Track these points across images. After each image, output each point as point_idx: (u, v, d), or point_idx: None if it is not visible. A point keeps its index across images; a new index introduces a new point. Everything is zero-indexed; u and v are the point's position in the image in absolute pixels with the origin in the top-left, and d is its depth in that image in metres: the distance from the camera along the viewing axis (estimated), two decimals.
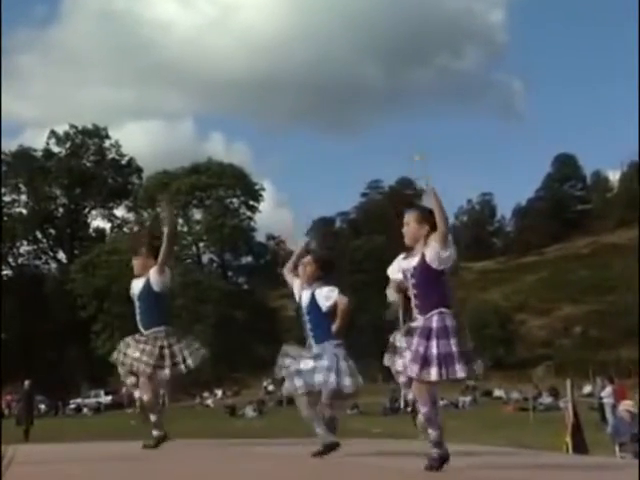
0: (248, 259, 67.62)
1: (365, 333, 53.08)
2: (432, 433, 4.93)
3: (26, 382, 19.85)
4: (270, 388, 45.56)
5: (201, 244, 65.69)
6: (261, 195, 65.26)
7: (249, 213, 64.83)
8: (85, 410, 44.00)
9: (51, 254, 67.13)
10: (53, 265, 67.13)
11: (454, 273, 5.46)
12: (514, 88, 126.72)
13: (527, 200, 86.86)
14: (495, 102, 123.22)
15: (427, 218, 5.02)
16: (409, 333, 5.02)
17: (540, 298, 59.40)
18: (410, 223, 5.13)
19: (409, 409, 5.39)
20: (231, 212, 64.01)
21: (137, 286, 7.31)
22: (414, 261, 5.07)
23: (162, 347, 7.09)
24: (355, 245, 61.13)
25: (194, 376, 50.78)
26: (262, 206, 65.56)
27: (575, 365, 41.29)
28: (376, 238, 62.28)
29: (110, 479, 4.36)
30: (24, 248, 65.68)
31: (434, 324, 4.91)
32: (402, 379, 5.46)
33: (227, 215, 63.08)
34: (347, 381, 6.09)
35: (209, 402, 45.35)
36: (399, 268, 5.32)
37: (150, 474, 4.75)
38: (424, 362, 4.83)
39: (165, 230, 7.12)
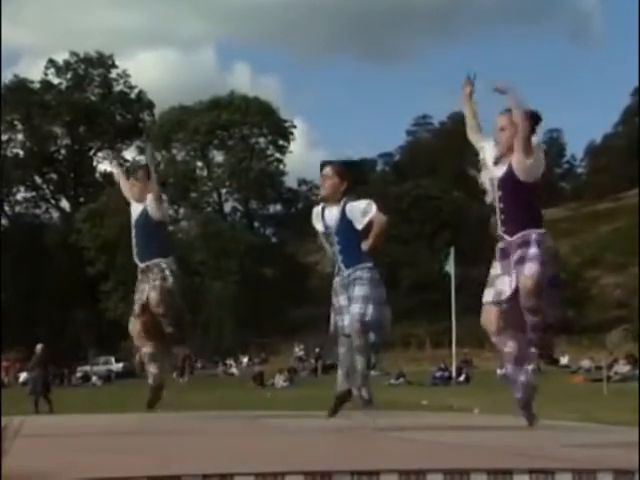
0: (277, 207, 67.97)
1: (411, 293, 53.33)
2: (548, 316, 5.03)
3: (38, 346, 20.28)
4: (302, 355, 46.04)
5: (223, 190, 65.99)
6: (292, 134, 65.26)
7: (278, 155, 64.89)
8: (94, 379, 44.84)
9: (52, 202, 67.87)
10: (55, 214, 67.99)
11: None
12: (586, 7, 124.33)
13: (602, 137, 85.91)
14: (564, 23, 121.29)
15: (528, 118, 5.01)
16: (504, 256, 5.06)
17: (616, 251, 58.91)
18: (506, 128, 5.10)
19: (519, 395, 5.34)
20: (257, 153, 64.09)
21: (136, 210, 7.63)
22: (501, 170, 5.05)
23: (163, 278, 7.35)
24: (400, 191, 60.95)
25: (216, 342, 51.74)
26: (293, 146, 65.63)
27: None
28: (424, 183, 62.08)
29: (124, 453, 4.48)
30: (21, 195, 66.53)
31: (531, 249, 4.96)
32: (508, 349, 5.30)
33: (253, 157, 63.19)
34: (371, 309, 6.16)
35: (234, 370, 45.97)
36: (488, 161, 5.25)
37: (167, 449, 4.88)
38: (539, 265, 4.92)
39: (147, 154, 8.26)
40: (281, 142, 64.62)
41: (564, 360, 39.11)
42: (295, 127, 66.02)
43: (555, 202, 78.18)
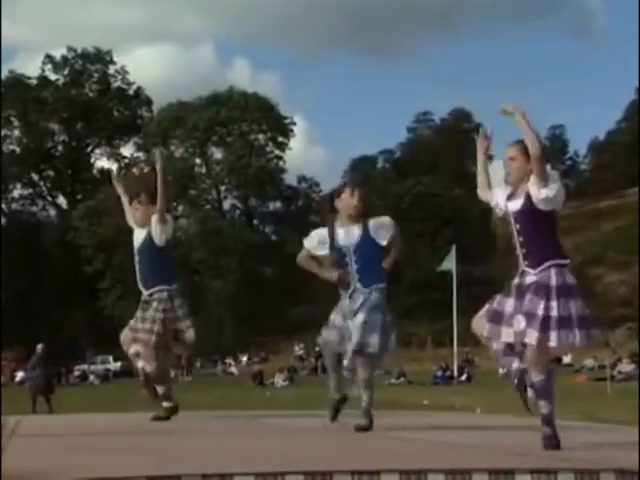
0: (276, 205, 67.93)
1: (412, 292, 53.33)
2: (544, 407, 4.92)
3: (39, 346, 20.27)
4: (302, 354, 46.08)
5: (222, 187, 65.94)
6: (291, 130, 65.22)
7: (277, 151, 64.87)
8: (92, 378, 44.88)
9: (49, 199, 67.83)
10: (52, 212, 67.96)
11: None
12: (589, 3, 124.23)
13: (606, 133, 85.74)
14: (566, 20, 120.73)
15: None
16: (519, 293, 4.97)
17: (619, 249, 58.91)
18: (516, 158, 5.08)
19: (515, 381, 5.25)
20: (257, 150, 64.06)
21: (139, 237, 7.48)
22: (518, 203, 5.03)
23: (161, 311, 7.24)
24: (400, 189, 60.95)
25: (215, 340, 51.63)
26: (292, 143, 65.59)
27: None
28: (425, 180, 62.08)
29: (122, 453, 4.50)
30: (18, 192, 66.42)
31: (553, 281, 4.88)
32: (497, 346, 5.21)
33: (252, 154, 63.16)
34: (374, 339, 6.11)
35: (233, 369, 46.01)
36: (500, 203, 5.19)
37: (167, 449, 4.89)
38: (544, 326, 4.79)
39: (157, 166, 7.43)
40: (281, 139, 64.61)
41: (567, 359, 39.09)
42: (295, 124, 66.11)
43: None
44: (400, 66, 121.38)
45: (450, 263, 33.04)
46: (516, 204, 5.04)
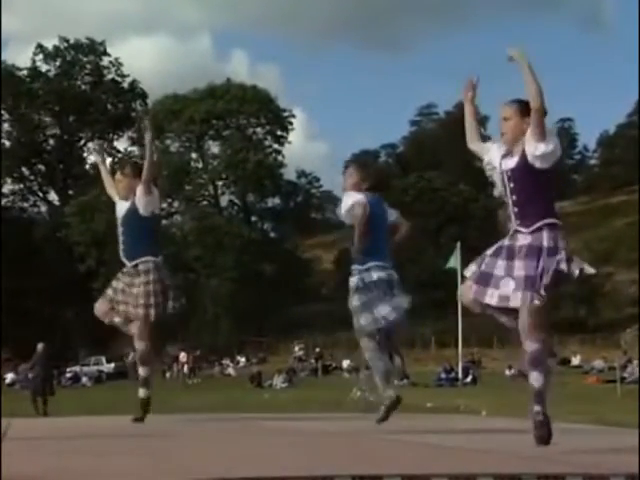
0: (275, 201, 67.89)
1: (415, 291, 53.26)
2: (536, 380, 4.84)
3: (39, 346, 20.26)
4: (301, 354, 46.10)
5: (219, 183, 65.93)
6: (291, 124, 65.19)
7: (276, 146, 64.83)
8: (84, 379, 44.93)
9: (40, 194, 67.81)
10: (43, 207, 67.95)
11: None
12: None
13: (616, 126, 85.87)
14: (576, 11, 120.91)
15: (529, 111, 4.95)
16: (510, 254, 4.96)
17: (630, 247, 58.87)
18: (512, 118, 5.08)
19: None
20: (255, 144, 64.01)
21: (122, 209, 7.51)
22: (513, 161, 5.02)
23: (152, 282, 7.26)
24: (403, 184, 60.96)
25: (212, 341, 51.59)
26: (292, 137, 65.57)
27: None
28: (429, 175, 62.07)
29: (113, 456, 4.49)
30: (8, 187, 66.34)
31: (544, 242, 4.88)
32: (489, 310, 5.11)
33: (250, 148, 63.09)
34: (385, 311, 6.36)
35: (230, 371, 46.02)
36: (494, 160, 5.17)
37: (159, 452, 4.88)
38: (531, 287, 4.78)
39: (147, 137, 7.61)
40: (279, 133, 64.57)
41: (576, 360, 39.16)
42: (294, 117, 66.10)
43: (566, 195, 78.27)
44: (403, 57, 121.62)
45: (455, 261, 33.06)
46: (511, 162, 5.02)
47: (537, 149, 4.89)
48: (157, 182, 7.78)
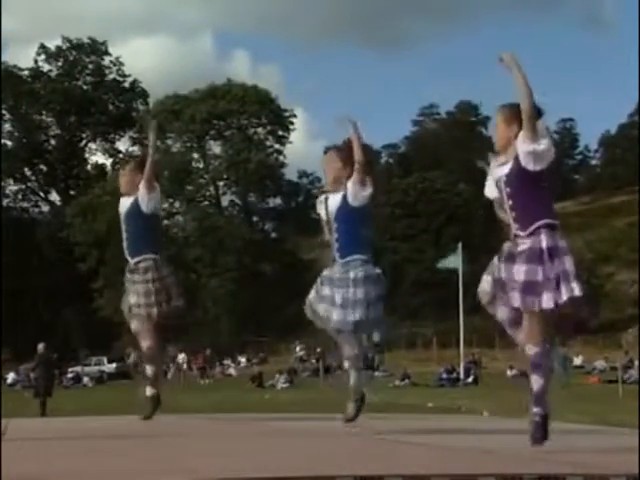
0: (276, 201, 67.93)
1: (417, 291, 53.31)
2: (535, 382, 4.84)
3: (40, 345, 20.23)
4: (303, 355, 46.05)
5: (220, 183, 65.93)
6: (292, 124, 65.18)
7: (277, 146, 64.84)
8: (86, 380, 44.89)
9: (42, 195, 67.84)
10: (45, 208, 67.99)
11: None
12: None
13: (618, 127, 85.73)
14: (578, 10, 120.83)
15: (518, 115, 4.94)
16: (510, 259, 4.94)
17: (632, 247, 58.82)
18: (498, 125, 5.08)
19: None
20: (256, 144, 64.02)
21: (125, 205, 7.54)
22: (507, 167, 5.00)
23: (151, 280, 7.27)
24: (405, 184, 60.90)
25: (213, 341, 51.54)
26: (293, 137, 65.56)
27: None
28: (430, 175, 62.00)
29: (112, 457, 4.48)
30: (10, 188, 66.36)
31: (544, 243, 4.85)
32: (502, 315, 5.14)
33: (251, 148, 63.11)
34: (351, 316, 6.27)
35: (231, 371, 45.99)
36: (493, 180, 5.16)
37: (164, 453, 4.88)
38: (535, 290, 4.77)
39: (150, 136, 7.69)
40: (281, 132, 64.55)
41: (577, 361, 39.12)
42: (295, 117, 66.06)
43: (568, 195, 78.22)
44: (404, 57, 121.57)
45: (456, 261, 33.05)
46: (505, 168, 5.02)
47: (528, 149, 4.87)
48: (158, 180, 7.79)
